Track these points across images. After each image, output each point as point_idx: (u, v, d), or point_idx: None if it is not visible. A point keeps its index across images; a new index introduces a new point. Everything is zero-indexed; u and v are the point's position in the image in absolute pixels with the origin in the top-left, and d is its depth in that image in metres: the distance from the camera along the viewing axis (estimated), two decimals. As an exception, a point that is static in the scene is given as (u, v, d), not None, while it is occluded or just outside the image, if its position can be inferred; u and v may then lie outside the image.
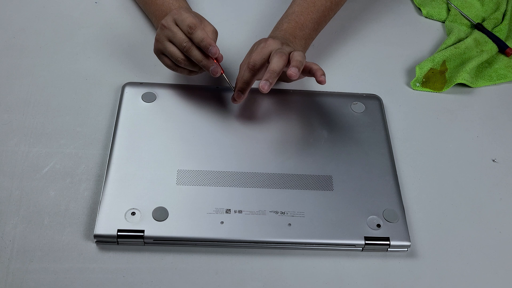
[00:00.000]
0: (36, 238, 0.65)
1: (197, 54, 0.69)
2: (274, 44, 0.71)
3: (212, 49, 0.68)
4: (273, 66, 0.67)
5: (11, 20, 0.89)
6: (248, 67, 0.70)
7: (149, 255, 0.64)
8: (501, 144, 0.80)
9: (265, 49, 0.70)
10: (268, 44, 0.71)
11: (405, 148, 0.77)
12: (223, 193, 0.67)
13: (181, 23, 0.69)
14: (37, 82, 0.80)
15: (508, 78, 0.88)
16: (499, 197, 0.74)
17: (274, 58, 0.67)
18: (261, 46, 0.71)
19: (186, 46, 0.69)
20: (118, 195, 0.66)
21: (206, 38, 0.68)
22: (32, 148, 0.73)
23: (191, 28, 0.68)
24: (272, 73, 0.66)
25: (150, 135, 0.72)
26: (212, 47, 0.68)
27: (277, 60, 0.67)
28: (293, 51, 0.69)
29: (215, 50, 0.69)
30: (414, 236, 0.68)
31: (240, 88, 0.72)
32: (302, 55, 0.68)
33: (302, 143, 0.74)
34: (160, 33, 0.71)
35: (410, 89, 0.85)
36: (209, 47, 0.68)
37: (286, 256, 0.66)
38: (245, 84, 0.71)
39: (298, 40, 0.79)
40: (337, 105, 0.79)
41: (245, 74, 0.71)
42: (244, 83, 0.71)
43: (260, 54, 0.70)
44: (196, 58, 0.69)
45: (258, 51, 0.71)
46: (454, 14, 0.96)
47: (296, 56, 0.68)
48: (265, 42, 0.71)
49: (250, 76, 0.71)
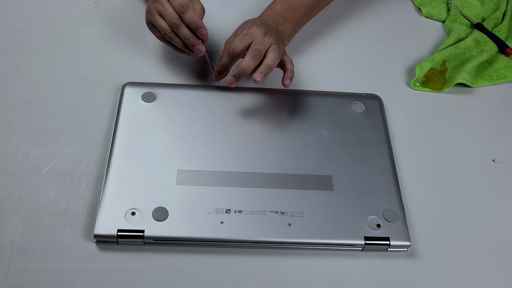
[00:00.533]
0: (36, 238, 0.65)
1: (185, 32, 0.72)
2: (257, 32, 0.73)
3: (202, 31, 0.71)
4: (289, 67, 0.73)
5: (11, 20, 0.89)
6: (227, 52, 0.74)
7: (149, 255, 0.64)
8: (501, 144, 0.80)
9: (247, 37, 0.73)
10: (252, 32, 0.73)
11: (405, 148, 0.77)
12: (223, 193, 0.67)
13: (173, 1, 0.71)
14: (37, 82, 0.80)
15: (508, 78, 0.88)
16: (499, 197, 0.74)
17: (287, 63, 0.73)
18: (244, 33, 0.73)
19: (175, 23, 0.71)
20: (118, 195, 0.66)
21: (196, 20, 0.71)
22: (32, 148, 0.73)
23: (183, 7, 0.70)
24: (291, 73, 0.73)
25: (150, 135, 0.72)
26: (202, 29, 0.71)
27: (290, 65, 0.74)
28: (268, 51, 0.72)
29: (204, 32, 0.71)
30: (414, 236, 0.68)
31: (218, 71, 0.77)
32: (275, 58, 0.71)
33: (302, 143, 0.74)
34: (151, 5, 0.73)
35: (410, 89, 0.85)
36: (199, 29, 0.71)
37: (286, 256, 0.66)
38: (223, 67, 0.76)
39: (288, 23, 0.81)
40: (337, 105, 0.79)
41: (223, 58, 0.75)
42: (222, 67, 0.76)
43: (241, 41, 0.73)
44: (184, 35, 0.72)
45: (240, 38, 0.73)
46: (454, 14, 0.96)
47: (267, 60, 0.71)
48: (249, 29, 0.73)
49: (228, 61, 0.75)
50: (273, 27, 0.77)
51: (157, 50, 0.85)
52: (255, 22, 0.76)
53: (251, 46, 0.72)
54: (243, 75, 0.72)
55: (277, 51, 0.72)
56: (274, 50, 0.72)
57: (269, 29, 0.75)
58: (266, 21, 0.78)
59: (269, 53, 0.71)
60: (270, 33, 0.74)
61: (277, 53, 0.72)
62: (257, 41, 0.72)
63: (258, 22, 0.76)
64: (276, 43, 0.73)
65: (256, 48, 0.71)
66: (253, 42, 0.72)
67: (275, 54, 0.71)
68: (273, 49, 0.72)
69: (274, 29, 0.77)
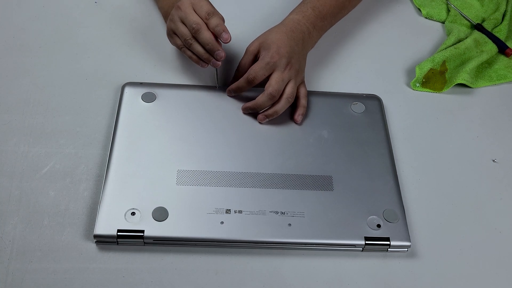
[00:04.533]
0: (36, 238, 0.64)
1: (207, 36, 0.71)
2: (280, 63, 0.72)
3: (225, 34, 0.71)
4: (303, 102, 0.76)
5: (11, 20, 0.88)
6: (248, 78, 0.73)
7: (149, 255, 0.64)
8: (501, 144, 0.80)
9: (269, 66, 0.72)
10: (275, 62, 0.72)
11: (405, 148, 0.77)
12: (223, 193, 0.67)
13: (200, 9, 0.72)
14: (37, 82, 0.80)
15: (508, 79, 0.88)
16: (499, 197, 0.74)
17: (301, 98, 0.76)
18: (267, 61, 0.72)
19: (195, 27, 0.71)
20: (118, 195, 0.66)
21: (221, 24, 0.71)
22: (31, 148, 0.72)
23: (209, 14, 0.71)
24: (304, 109, 0.76)
25: (150, 135, 0.72)
26: (225, 33, 0.71)
27: (304, 99, 0.76)
28: (300, 88, 0.76)
29: (227, 36, 0.71)
30: (414, 236, 0.68)
31: (233, 90, 0.76)
32: (306, 93, 0.77)
33: (302, 143, 0.74)
34: (174, 13, 0.74)
35: (410, 89, 0.85)
36: (222, 32, 0.71)
37: (286, 256, 0.66)
38: (239, 90, 0.76)
39: (316, 32, 0.81)
40: (337, 105, 0.79)
41: (241, 82, 0.74)
42: (238, 88, 0.76)
43: (263, 70, 0.72)
44: (205, 39, 0.71)
45: (262, 67, 0.72)
46: (454, 15, 0.96)
47: (302, 101, 0.76)
48: (272, 59, 0.72)
49: (246, 86, 0.75)
50: (299, 43, 0.76)
51: (157, 50, 0.85)
52: (280, 44, 0.73)
53: (284, 91, 0.73)
54: (275, 116, 0.74)
55: (293, 88, 0.74)
56: (291, 86, 0.74)
57: (292, 55, 0.74)
58: (294, 33, 0.76)
59: (299, 96, 0.76)
60: (292, 63, 0.74)
61: (293, 90, 0.74)
62: (281, 78, 0.72)
63: (283, 41, 0.74)
64: (295, 76, 0.74)
65: (290, 93, 0.73)
66: (276, 77, 0.72)
67: (305, 96, 0.77)
68: (291, 85, 0.74)
69: (299, 49, 0.76)
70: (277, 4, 0.94)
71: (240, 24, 0.86)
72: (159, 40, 0.85)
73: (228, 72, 0.83)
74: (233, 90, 0.76)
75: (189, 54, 0.75)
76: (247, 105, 0.75)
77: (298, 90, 0.76)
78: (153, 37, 0.87)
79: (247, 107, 0.75)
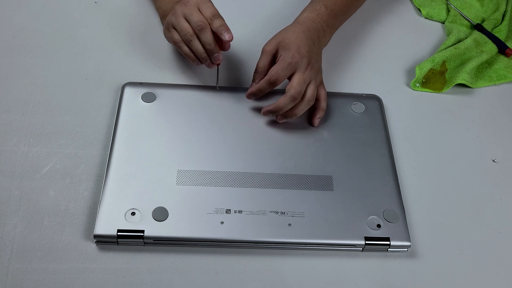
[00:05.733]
0: (36, 238, 0.64)
1: (209, 37, 0.71)
2: (301, 63, 0.71)
3: (227, 33, 0.71)
4: (323, 105, 0.75)
5: (11, 20, 0.88)
6: (269, 80, 0.72)
7: (149, 255, 0.64)
8: (501, 144, 0.80)
9: (290, 66, 0.71)
10: (296, 63, 0.71)
11: (405, 148, 0.77)
12: (223, 193, 0.67)
13: (206, 9, 0.72)
14: (37, 82, 0.80)
15: (508, 79, 0.88)
16: (499, 197, 0.74)
17: (321, 101, 0.75)
18: (288, 61, 0.71)
19: (201, 25, 0.71)
20: (118, 195, 0.66)
21: (225, 25, 0.71)
22: (31, 148, 0.72)
23: (215, 15, 0.71)
24: (323, 112, 0.76)
25: (150, 135, 0.72)
26: (228, 32, 0.71)
27: (324, 102, 0.76)
28: (319, 90, 0.75)
29: (229, 35, 0.71)
30: (414, 236, 0.68)
31: (253, 93, 0.74)
32: (325, 95, 0.76)
33: (302, 143, 0.74)
34: (178, 8, 0.74)
35: (410, 89, 0.85)
36: (224, 31, 0.70)
37: (286, 256, 0.66)
38: (260, 92, 0.74)
39: (329, 30, 0.80)
40: (337, 105, 0.79)
41: (263, 84, 0.73)
42: (259, 91, 0.74)
43: (284, 71, 0.71)
44: (207, 39, 0.71)
45: (284, 67, 0.71)
46: (454, 15, 0.96)
47: (323, 104, 0.75)
48: (293, 59, 0.71)
49: (267, 88, 0.73)
50: (316, 42, 0.76)
51: (157, 50, 0.85)
52: (300, 43, 0.73)
53: (306, 94, 0.72)
54: (294, 117, 0.74)
55: (314, 90, 0.73)
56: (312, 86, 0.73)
57: (312, 55, 0.73)
58: (311, 32, 0.75)
59: (320, 98, 0.75)
60: (312, 63, 0.73)
61: (314, 92, 0.73)
62: (302, 79, 0.71)
63: (302, 41, 0.73)
64: (315, 76, 0.74)
65: (311, 95, 0.72)
66: (297, 78, 0.71)
67: (325, 98, 0.76)
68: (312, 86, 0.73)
69: (316, 48, 0.75)
70: (277, 5, 0.94)
71: (240, 24, 0.86)
72: (159, 40, 0.84)
73: (228, 72, 0.83)
74: (254, 93, 0.74)
75: (185, 50, 0.74)
76: (268, 108, 0.73)
77: (318, 92, 0.75)
78: (153, 37, 0.86)
79: (268, 110, 0.73)
